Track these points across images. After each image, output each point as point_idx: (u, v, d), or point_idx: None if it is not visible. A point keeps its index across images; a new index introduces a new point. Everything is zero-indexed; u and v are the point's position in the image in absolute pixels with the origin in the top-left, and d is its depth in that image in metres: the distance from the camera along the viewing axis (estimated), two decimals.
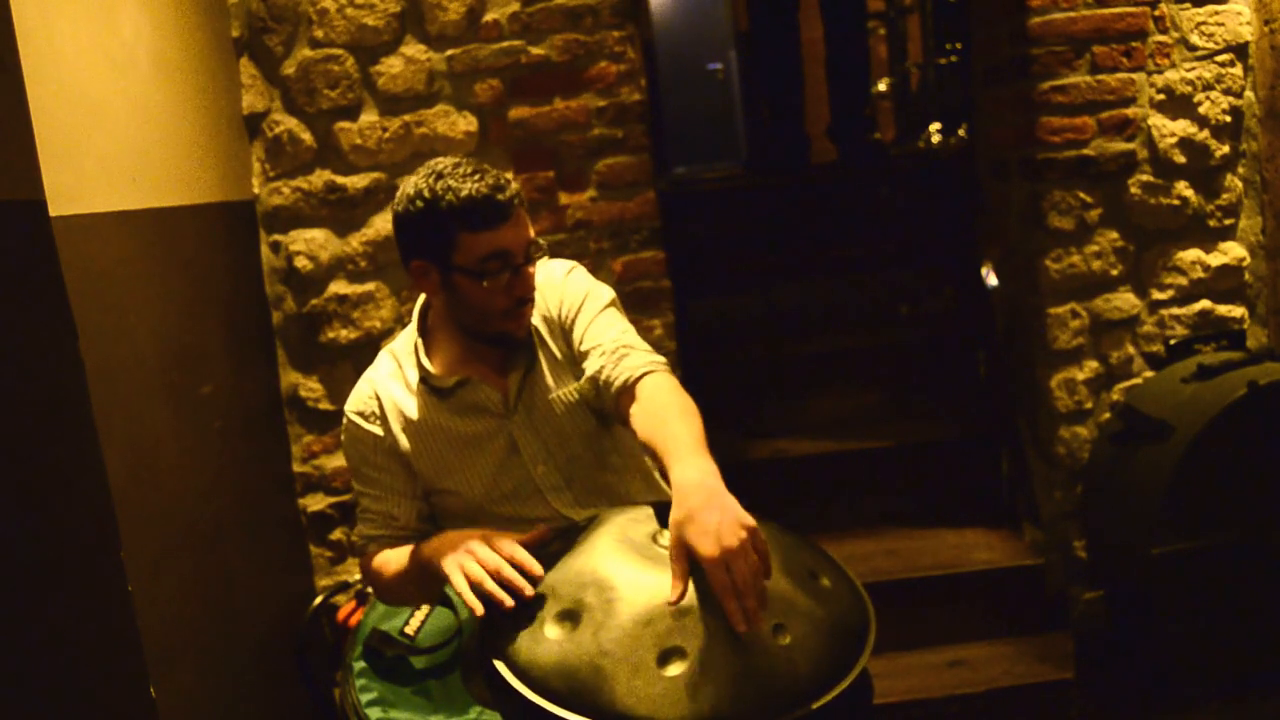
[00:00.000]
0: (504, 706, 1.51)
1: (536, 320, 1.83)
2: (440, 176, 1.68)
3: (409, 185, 1.71)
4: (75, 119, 2.05)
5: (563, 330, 1.83)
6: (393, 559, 1.81)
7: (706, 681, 1.37)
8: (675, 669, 1.38)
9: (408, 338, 1.88)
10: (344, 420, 1.87)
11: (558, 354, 1.83)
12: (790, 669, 1.41)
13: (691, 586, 1.47)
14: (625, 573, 1.50)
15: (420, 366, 1.82)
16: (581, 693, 1.38)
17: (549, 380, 1.82)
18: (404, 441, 1.82)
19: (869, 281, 3.98)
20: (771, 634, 1.43)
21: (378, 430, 1.83)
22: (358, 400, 1.85)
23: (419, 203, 1.68)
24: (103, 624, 1.54)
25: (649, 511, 1.66)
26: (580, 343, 1.80)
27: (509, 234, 1.69)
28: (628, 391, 1.70)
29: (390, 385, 1.85)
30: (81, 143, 2.06)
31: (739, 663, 1.39)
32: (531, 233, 1.74)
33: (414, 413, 1.82)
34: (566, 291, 1.83)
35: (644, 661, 1.39)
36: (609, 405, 1.76)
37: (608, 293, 1.85)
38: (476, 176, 1.67)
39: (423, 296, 1.87)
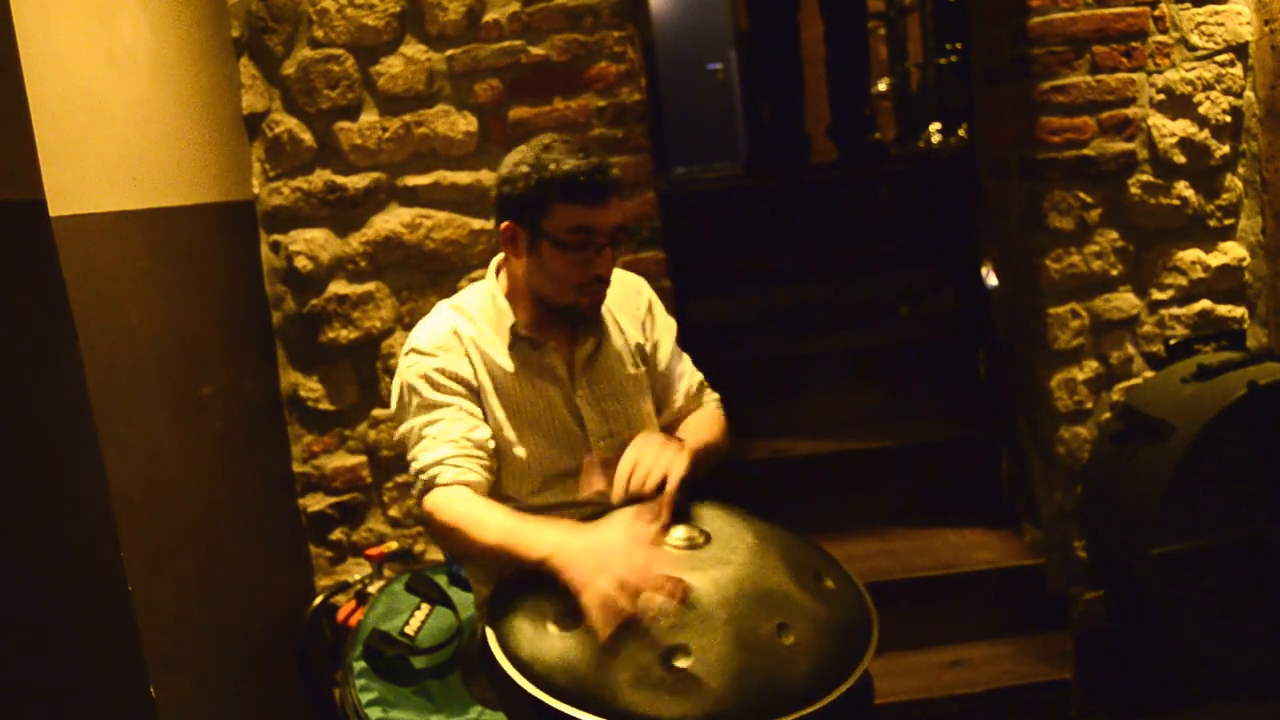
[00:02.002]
0: (508, 703, 1.51)
1: (615, 311, 1.97)
2: (549, 148, 1.80)
3: (516, 153, 1.84)
4: (75, 119, 2.05)
5: (642, 333, 2.01)
6: (480, 524, 1.68)
7: (710, 679, 1.37)
8: (679, 666, 1.39)
9: (480, 296, 1.92)
10: (407, 355, 1.84)
11: (632, 344, 1.98)
12: (793, 668, 1.42)
13: (698, 584, 1.48)
14: None
15: (512, 318, 1.87)
16: (585, 689, 1.38)
17: (619, 364, 1.95)
18: (487, 384, 1.84)
19: (869, 281, 3.98)
20: (775, 633, 1.44)
21: (458, 359, 1.84)
22: (432, 335, 1.85)
23: (524, 167, 1.80)
24: (103, 624, 1.54)
25: (654, 510, 1.66)
26: (665, 368, 2.03)
27: (600, 214, 1.79)
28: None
29: (470, 330, 1.87)
30: (81, 143, 2.06)
31: (742, 661, 1.39)
32: (621, 219, 1.83)
33: (503, 362, 1.86)
34: (657, 312, 2.05)
35: (648, 658, 1.39)
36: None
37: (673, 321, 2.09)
38: (582, 154, 1.79)
39: (494, 263, 1.95)
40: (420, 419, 1.80)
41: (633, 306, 2.02)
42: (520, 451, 1.85)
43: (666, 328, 2.06)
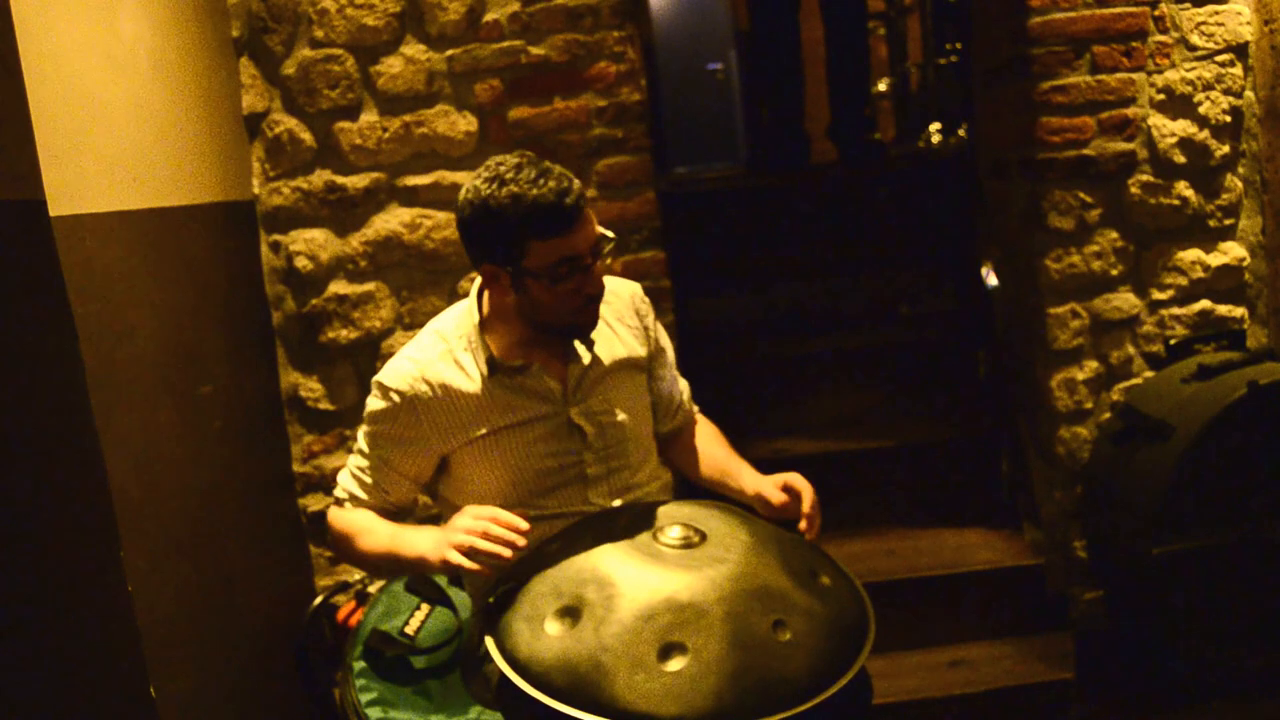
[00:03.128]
0: (505, 703, 1.52)
1: (612, 321, 1.90)
2: (504, 182, 1.67)
3: (471, 190, 1.71)
4: (75, 119, 2.05)
5: (643, 341, 1.96)
6: (370, 532, 1.84)
7: (707, 677, 1.37)
8: (676, 664, 1.39)
9: (461, 320, 1.87)
10: (374, 387, 1.85)
11: (630, 353, 1.92)
12: (790, 665, 1.42)
13: (693, 583, 1.48)
14: (626, 569, 1.51)
15: (486, 349, 1.82)
16: (582, 688, 1.38)
17: (615, 376, 1.89)
18: (461, 418, 1.82)
19: (869, 281, 3.98)
20: (772, 630, 1.44)
21: (407, 410, 1.82)
22: (399, 378, 1.83)
23: (487, 208, 1.69)
24: (103, 624, 1.54)
25: (649, 510, 1.66)
26: (668, 379, 2.04)
27: (578, 237, 1.71)
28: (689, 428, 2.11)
29: (441, 368, 1.83)
30: (81, 143, 2.06)
31: (739, 658, 1.39)
32: (596, 228, 1.76)
33: (476, 392, 1.82)
34: (655, 323, 2.01)
35: (644, 657, 1.39)
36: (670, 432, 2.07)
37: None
38: (541, 181, 1.66)
39: (476, 283, 1.89)
40: (363, 448, 1.89)
41: (630, 314, 1.96)
42: (501, 475, 1.83)
43: (667, 337, 2.04)
